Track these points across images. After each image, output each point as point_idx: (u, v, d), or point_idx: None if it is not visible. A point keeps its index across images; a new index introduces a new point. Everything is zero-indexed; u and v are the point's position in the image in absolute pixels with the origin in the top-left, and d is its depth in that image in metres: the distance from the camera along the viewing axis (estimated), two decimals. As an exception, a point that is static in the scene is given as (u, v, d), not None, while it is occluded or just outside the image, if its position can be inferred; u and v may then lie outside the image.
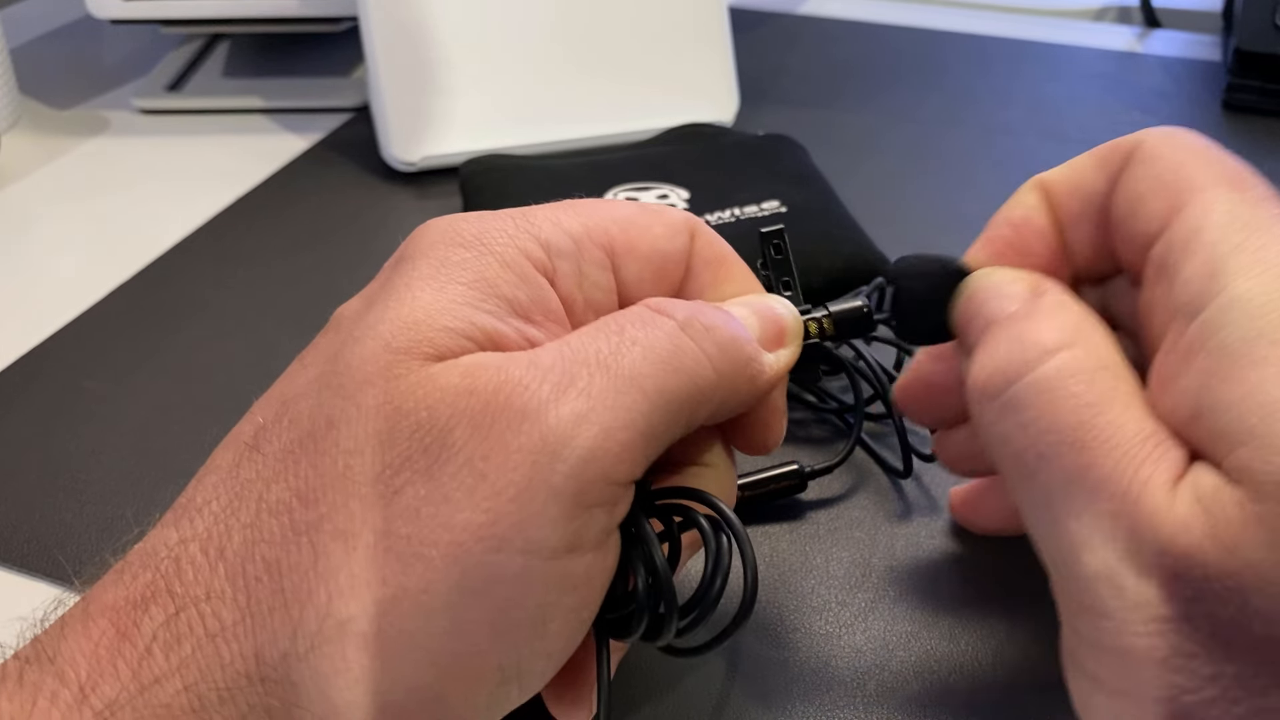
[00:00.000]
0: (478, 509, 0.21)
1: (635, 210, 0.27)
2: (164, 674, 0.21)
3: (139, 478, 0.37)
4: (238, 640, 0.21)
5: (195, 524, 0.22)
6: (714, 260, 0.27)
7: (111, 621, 0.21)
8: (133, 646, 0.21)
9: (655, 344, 0.23)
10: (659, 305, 0.24)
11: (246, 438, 0.23)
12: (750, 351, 0.25)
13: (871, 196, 0.51)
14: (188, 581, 0.21)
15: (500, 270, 0.24)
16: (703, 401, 0.23)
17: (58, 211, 0.54)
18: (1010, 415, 0.23)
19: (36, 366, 0.43)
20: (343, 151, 0.58)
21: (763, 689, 0.29)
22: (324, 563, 0.21)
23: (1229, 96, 0.60)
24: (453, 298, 0.23)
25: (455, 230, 0.24)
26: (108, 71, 0.67)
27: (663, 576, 0.23)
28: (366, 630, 0.21)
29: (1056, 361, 0.22)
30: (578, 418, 0.21)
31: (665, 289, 0.26)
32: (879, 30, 0.72)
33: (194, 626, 0.21)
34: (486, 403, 0.21)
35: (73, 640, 0.21)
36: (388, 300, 0.23)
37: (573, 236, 0.25)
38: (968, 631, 0.31)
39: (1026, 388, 0.23)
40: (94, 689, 0.20)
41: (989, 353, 0.24)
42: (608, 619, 0.24)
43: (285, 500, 0.22)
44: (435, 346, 0.22)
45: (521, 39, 0.54)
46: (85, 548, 0.34)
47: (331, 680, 0.21)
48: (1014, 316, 0.24)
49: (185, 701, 0.20)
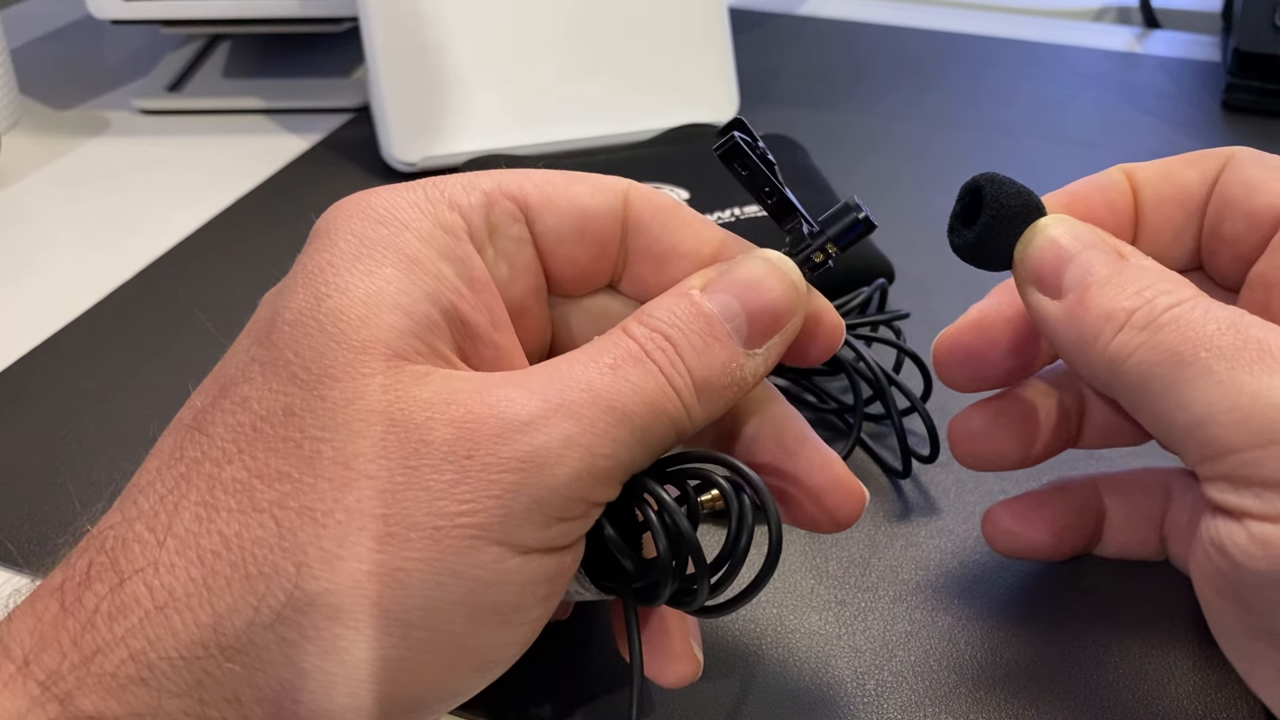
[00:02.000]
0: (458, 500, 0.21)
1: (558, 174, 0.27)
2: (107, 644, 0.21)
3: (139, 478, 0.37)
4: (191, 610, 0.21)
5: (140, 504, 0.22)
6: (657, 212, 0.27)
7: (55, 599, 0.21)
8: (75, 619, 0.21)
9: (645, 387, 0.23)
10: (642, 340, 0.24)
11: (187, 420, 0.23)
12: (725, 381, 0.24)
13: (871, 196, 0.50)
14: (133, 556, 0.21)
15: (419, 246, 0.24)
16: (679, 437, 0.24)
17: (58, 212, 0.54)
18: (1157, 335, 0.24)
19: (36, 366, 0.43)
20: (343, 152, 0.58)
21: (762, 689, 0.29)
22: (290, 538, 0.21)
23: (1228, 97, 0.60)
24: (385, 285, 0.23)
25: (367, 205, 0.25)
26: (108, 72, 0.67)
27: (688, 542, 0.24)
28: (340, 603, 0.21)
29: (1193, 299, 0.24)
30: (569, 440, 0.22)
31: (590, 248, 0.26)
32: (879, 30, 0.72)
33: (140, 599, 0.21)
34: (468, 411, 0.22)
35: (18, 621, 0.22)
36: (315, 283, 0.23)
37: (483, 190, 0.25)
38: (967, 631, 0.31)
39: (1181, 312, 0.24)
40: (36, 660, 0.21)
41: (1123, 288, 0.25)
42: (635, 587, 0.25)
43: (243, 480, 0.22)
44: (390, 346, 0.22)
45: (522, 39, 0.54)
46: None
47: (301, 648, 0.21)
48: (1137, 265, 0.26)
49: (133, 670, 0.21)
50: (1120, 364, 0.24)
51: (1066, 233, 0.27)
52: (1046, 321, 0.26)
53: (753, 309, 0.25)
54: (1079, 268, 0.26)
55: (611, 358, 0.23)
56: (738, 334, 0.24)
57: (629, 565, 0.25)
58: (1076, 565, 0.33)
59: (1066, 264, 0.26)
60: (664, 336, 0.24)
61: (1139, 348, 0.24)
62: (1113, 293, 0.25)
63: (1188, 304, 0.24)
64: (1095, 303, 0.25)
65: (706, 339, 0.24)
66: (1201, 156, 0.29)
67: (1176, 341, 0.23)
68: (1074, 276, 0.26)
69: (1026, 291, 0.27)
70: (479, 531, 0.21)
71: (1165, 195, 0.29)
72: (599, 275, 0.27)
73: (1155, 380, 0.24)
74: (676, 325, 0.24)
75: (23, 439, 0.39)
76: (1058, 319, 0.26)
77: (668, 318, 0.24)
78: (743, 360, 0.25)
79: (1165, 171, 0.29)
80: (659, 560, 0.24)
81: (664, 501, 0.24)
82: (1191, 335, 0.23)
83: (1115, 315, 0.25)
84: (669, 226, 0.27)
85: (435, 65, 0.53)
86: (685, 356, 0.24)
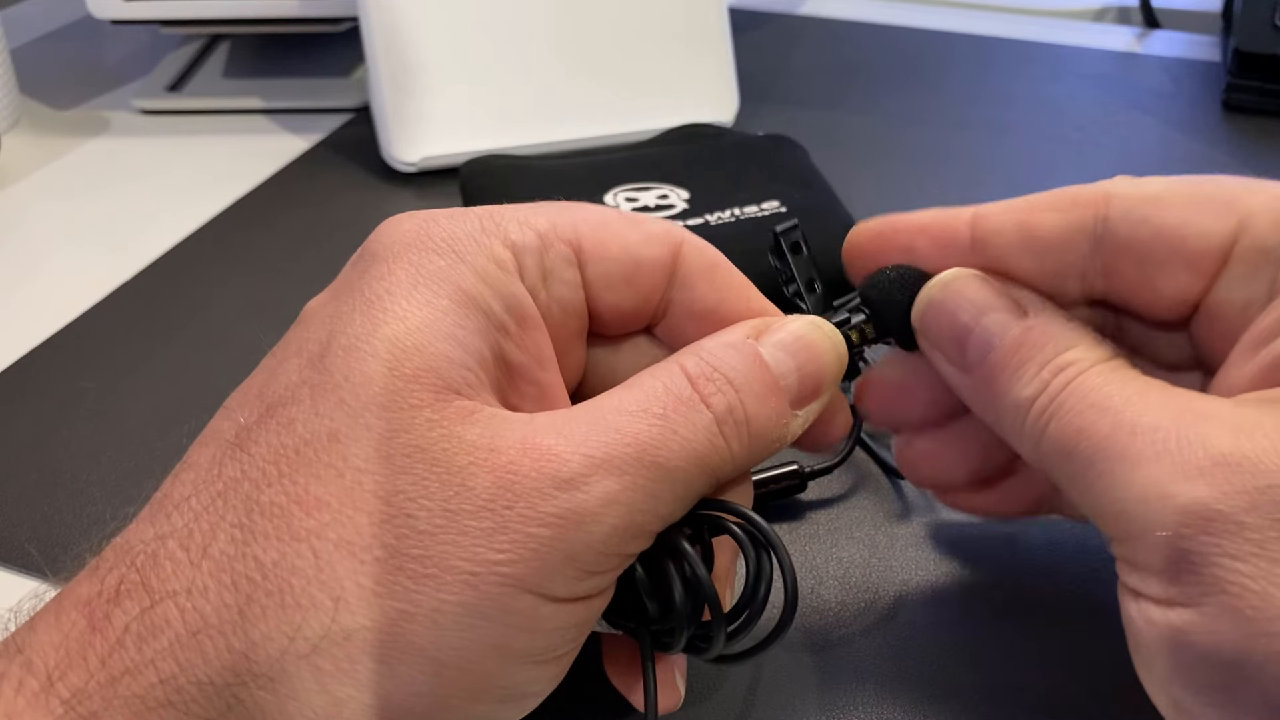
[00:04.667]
0: (495, 549, 0.21)
1: (612, 215, 0.27)
2: (136, 666, 0.21)
3: (139, 478, 0.37)
4: (224, 636, 0.21)
5: (173, 520, 0.22)
6: (706, 269, 0.27)
7: (83, 614, 0.21)
8: (103, 638, 0.21)
9: (694, 439, 0.23)
10: (700, 383, 0.24)
11: (229, 436, 0.23)
12: (775, 435, 0.25)
13: (872, 196, 0.51)
14: (165, 576, 0.21)
15: (475, 282, 0.24)
16: (715, 485, 0.24)
17: (58, 211, 0.54)
18: (1051, 426, 0.24)
19: (36, 366, 0.43)
20: (343, 152, 0.58)
21: (762, 688, 0.29)
22: (328, 570, 0.21)
23: (1228, 97, 0.60)
24: (441, 318, 0.23)
25: (427, 234, 0.25)
26: (108, 71, 0.67)
27: (706, 589, 0.24)
28: (374, 640, 0.21)
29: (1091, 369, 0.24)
30: (609, 498, 0.22)
31: (636, 295, 0.26)
32: (879, 30, 0.72)
33: (172, 621, 0.21)
34: (511, 461, 0.22)
35: (43, 632, 0.21)
36: (371, 309, 0.23)
37: (538, 232, 0.25)
38: (967, 631, 0.31)
39: (1070, 395, 0.24)
40: (61, 678, 0.20)
41: (1024, 378, 0.25)
42: (654, 630, 0.25)
43: (282, 505, 0.22)
44: (442, 377, 0.22)
45: (521, 39, 0.54)
46: (74, 547, 0.34)
47: (335, 679, 0.21)
48: (1026, 336, 0.25)
49: (161, 694, 0.20)
50: (1029, 451, 0.25)
51: (957, 296, 0.26)
52: (959, 391, 0.27)
53: (805, 368, 0.25)
54: (979, 340, 0.26)
55: (662, 406, 0.23)
56: (788, 391, 0.25)
57: (652, 608, 0.25)
58: (1079, 565, 0.33)
59: (967, 336, 0.26)
60: (725, 379, 0.24)
61: (1040, 438, 0.24)
62: (1012, 377, 0.25)
63: (1074, 386, 0.24)
64: (1002, 390, 0.25)
65: (766, 388, 0.24)
66: (1067, 203, 0.26)
67: (1067, 434, 0.23)
68: (976, 351, 0.26)
69: (935, 359, 0.27)
70: (513, 581, 0.21)
71: (1018, 250, 0.27)
72: (639, 320, 0.27)
73: (1054, 469, 0.24)
74: (737, 370, 0.24)
75: (22, 439, 0.39)
76: (969, 393, 0.26)
77: (728, 360, 0.24)
78: (789, 418, 0.25)
79: (1021, 221, 0.27)
80: (675, 608, 0.24)
81: (684, 551, 0.24)
82: (1077, 427, 0.23)
83: (1020, 405, 0.25)
84: (715, 285, 0.27)
85: (435, 65, 0.53)
86: (747, 404, 0.24)
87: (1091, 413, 0.23)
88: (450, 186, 0.52)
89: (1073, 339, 0.25)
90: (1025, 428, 0.24)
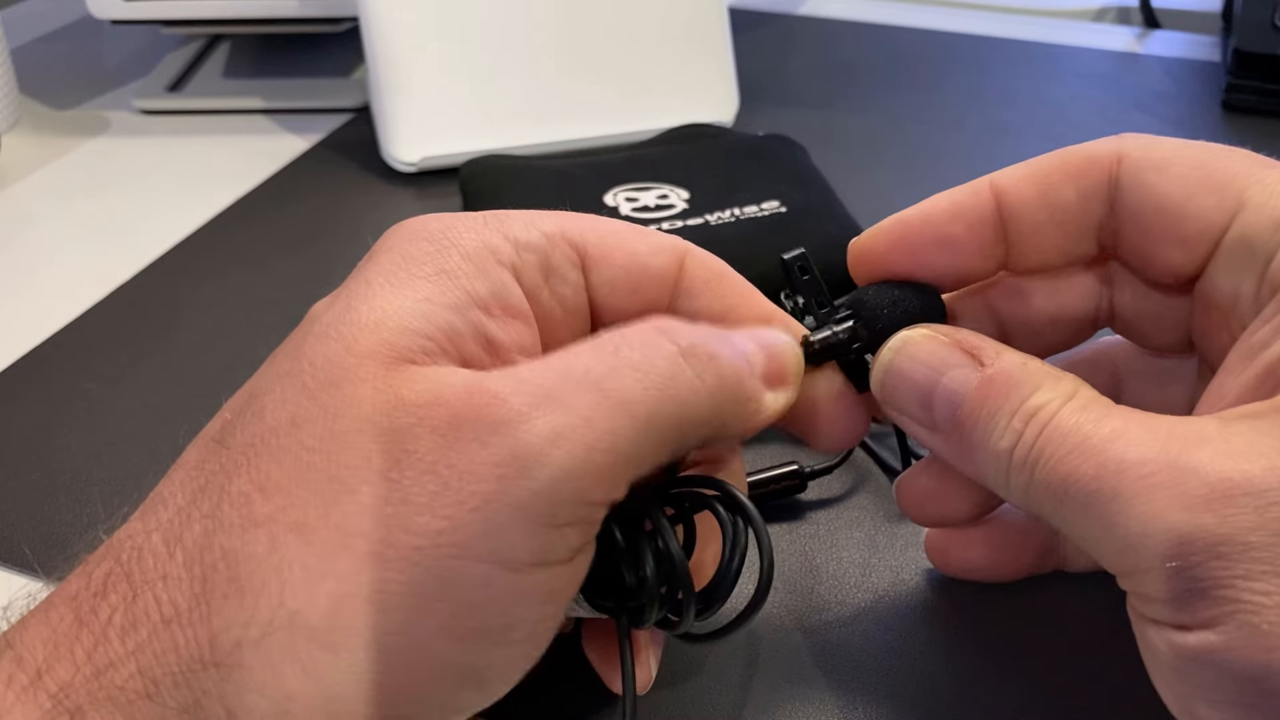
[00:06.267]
0: (437, 515, 0.21)
1: (620, 225, 0.27)
2: (119, 658, 0.21)
3: (139, 478, 0.37)
4: (192, 626, 0.21)
5: (159, 514, 0.22)
6: (712, 279, 0.27)
7: (70, 608, 0.21)
8: (89, 631, 0.21)
9: (652, 368, 0.22)
10: (665, 327, 0.24)
11: (213, 433, 0.23)
12: (751, 389, 0.25)
13: (871, 196, 0.51)
14: (146, 568, 0.21)
15: (460, 262, 0.24)
16: (692, 430, 0.23)
17: (58, 211, 0.54)
18: (1035, 473, 0.23)
19: (36, 366, 0.43)
20: (343, 151, 0.58)
21: (761, 688, 0.29)
22: (279, 554, 0.21)
23: (1228, 97, 0.60)
24: (410, 295, 0.23)
25: (423, 226, 0.25)
26: (108, 71, 0.67)
27: (678, 564, 0.24)
28: (317, 623, 0.20)
29: (1062, 409, 0.23)
30: (554, 435, 0.21)
31: (641, 303, 0.26)
32: (879, 31, 0.72)
33: (150, 612, 0.21)
34: (454, 412, 0.21)
35: (33, 628, 0.21)
36: (350, 299, 0.23)
37: (544, 232, 0.25)
38: (967, 631, 0.31)
39: (1048, 443, 0.23)
40: (49, 672, 0.20)
41: (996, 430, 0.24)
42: (627, 606, 0.25)
43: (246, 492, 0.22)
44: (395, 349, 0.22)
45: (521, 39, 0.54)
46: (69, 548, 0.34)
47: (283, 668, 0.21)
48: (989, 388, 0.24)
49: (140, 685, 0.20)
50: (1019, 500, 0.24)
51: (911, 360, 0.26)
52: (934, 450, 0.26)
53: (769, 352, 0.25)
54: (943, 399, 0.25)
55: (616, 344, 0.23)
56: (756, 365, 0.25)
57: (630, 578, 0.24)
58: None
59: (930, 398, 0.25)
60: (687, 328, 0.24)
61: (1028, 488, 0.24)
62: (984, 431, 0.24)
63: (1050, 431, 0.23)
64: (977, 444, 0.25)
65: (726, 340, 0.24)
66: (1083, 163, 0.26)
67: (1054, 481, 0.23)
68: (943, 411, 0.25)
69: (903, 424, 0.26)
70: (460, 550, 0.20)
71: (1040, 221, 0.27)
72: None
73: (1049, 516, 0.24)
74: (700, 328, 0.24)
75: (21, 439, 0.39)
76: (945, 451, 0.26)
77: (690, 324, 0.24)
78: (760, 385, 0.25)
79: (1041, 190, 0.27)
80: (646, 583, 0.24)
81: (658, 523, 0.24)
82: (1062, 474, 0.23)
83: (999, 457, 0.24)
84: (720, 294, 0.27)
85: (435, 65, 0.53)
86: (710, 343, 0.24)
87: (1074, 457, 0.23)
88: (450, 186, 0.52)
89: (1035, 379, 0.24)
90: (1010, 480, 0.24)
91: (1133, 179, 0.26)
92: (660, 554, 0.24)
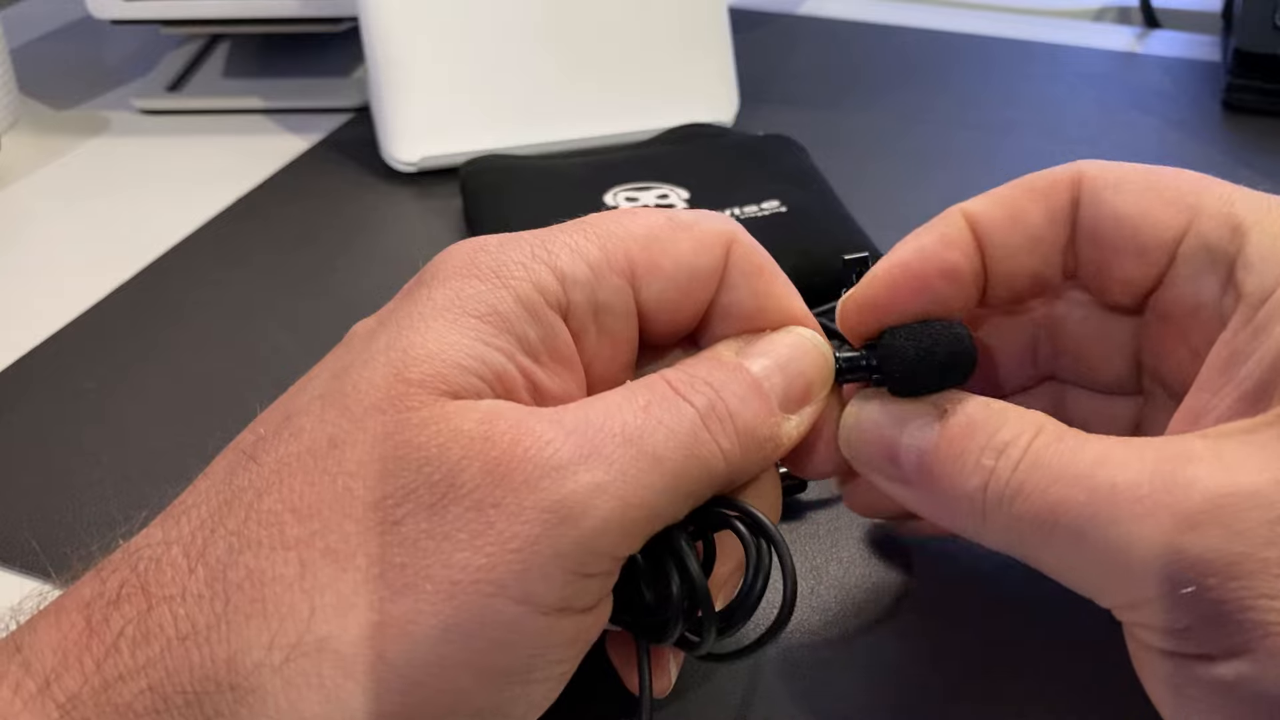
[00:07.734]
0: (479, 552, 0.21)
1: (662, 224, 0.26)
2: (128, 672, 0.20)
3: (139, 478, 0.37)
4: (210, 645, 0.20)
5: (181, 526, 0.22)
6: (752, 272, 0.26)
7: (82, 615, 0.21)
8: (100, 641, 0.21)
9: (678, 429, 0.23)
10: (680, 386, 0.23)
11: (245, 446, 0.23)
12: (766, 433, 0.24)
13: (871, 196, 0.51)
14: (164, 581, 0.21)
15: (513, 306, 0.23)
16: (712, 485, 0.24)
17: (58, 211, 0.54)
18: (1014, 506, 0.23)
19: (36, 367, 0.43)
20: (343, 151, 0.58)
21: (761, 688, 0.29)
22: (310, 579, 0.21)
23: (1229, 97, 0.60)
24: (465, 332, 0.23)
25: (474, 260, 0.24)
26: (108, 71, 0.67)
27: (698, 585, 0.24)
28: (346, 651, 0.20)
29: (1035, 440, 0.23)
30: (597, 488, 0.21)
31: (691, 306, 0.26)
32: (879, 30, 0.72)
33: (164, 626, 0.21)
34: (504, 452, 0.21)
35: (42, 633, 0.21)
36: (400, 326, 0.23)
37: (590, 264, 0.25)
38: (967, 630, 0.31)
39: (1028, 474, 0.23)
40: (58, 681, 0.20)
41: (965, 469, 0.24)
42: (646, 623, 0.25)
43: (277, 512, 0.21)
44: (448, 383, 0.22)
45: (521, 39, 0.54)
46: (85, 548, 0.34)
47: (304, 694, 0.20)
48: (952, 431, 0.24)
49: (149, 701, 0.20)
50: (1000, 539, 0.24)
51: (871, 421, 0.26)
52: (910, 506, 0.26)
53: (790, 373, 0.25)
54: (908, 451, 0.25)
55: (645, 400, 0.23)
56: (775, 393, 0.25)
57: (649, 596, 0.24)
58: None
59: (896, 452, 0.25)
60: (704, 382, 0.24)
61: (1010, 523, 0.23)
62: (954, 473, 0.24)
63: (1028, 462, 0.22)
64: (948, 487, 0.24)
65: (747, 388, 0.24)
66: (1047, 187, 0.27)
67: (1040, 512, 0.22)
68: (910, 462, 0.25)
69: (878, 482, 0.26)
70: (495, 589, 0.21)
71: (1014, 245, 0.27)
72: (687, 329, 0.27)
73: (1034, 552, 0.23)
74: (715, 375, 0.24)
75: (21, 439, 0.39)
76: (920, 504, 0.25)
77: (707, 368, 0.24)
78: (779, 419, 0.25)
79: (1011, 214, 0.27)
80: (671, 602, 0.24)
81: (678, 544, 0.24)
82: (1049, 503, 0.22)
83: (971, 497, 0.23)
84: (757, 289, 0.26)
85: (435, 65, 0.53)
86: (728, 401, 0.24)
87: (1060, 485, 0.22)
88: (450, 186, 0.52)
89: (1000, 417, 0.24)
90: (987, 518, 0.23)
91: (1092, 197, 0.26)
92: (683, 575, 0.24)
